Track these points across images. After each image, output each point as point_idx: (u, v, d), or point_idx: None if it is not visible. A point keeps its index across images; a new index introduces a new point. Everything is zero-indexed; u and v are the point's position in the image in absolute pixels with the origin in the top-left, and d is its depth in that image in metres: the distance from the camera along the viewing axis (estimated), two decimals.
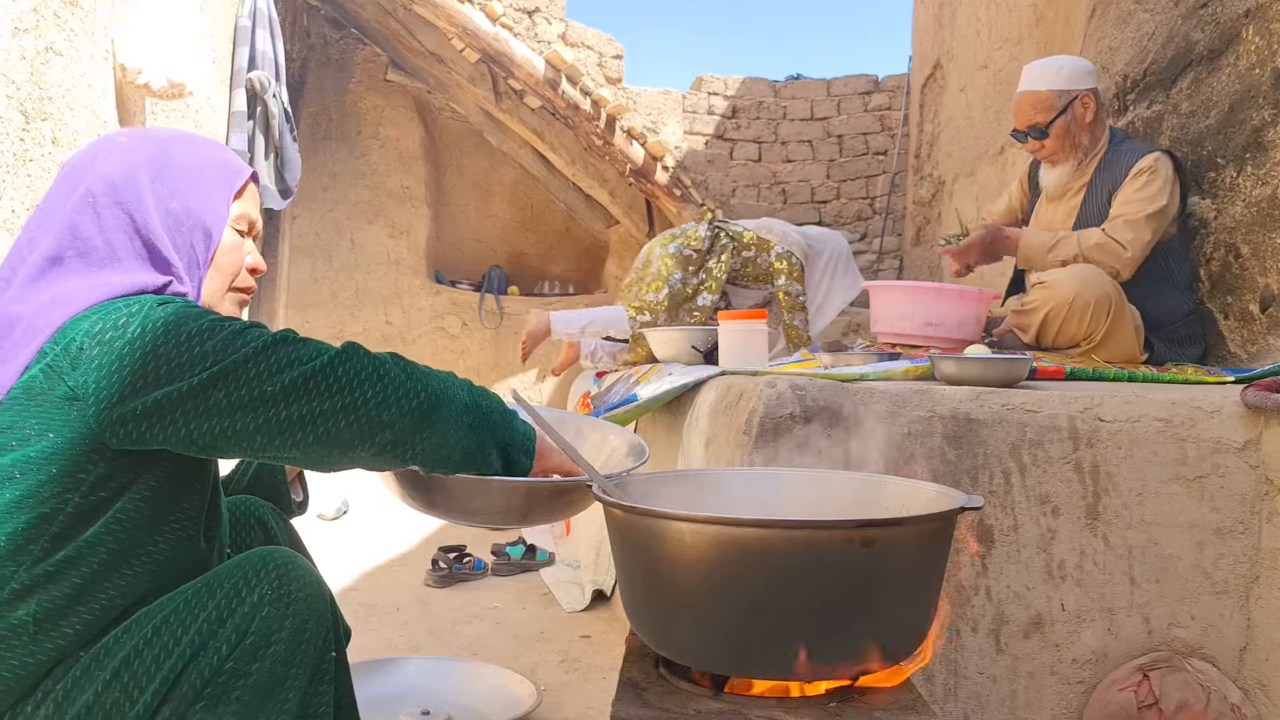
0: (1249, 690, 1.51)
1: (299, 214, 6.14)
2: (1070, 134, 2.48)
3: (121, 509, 0.98)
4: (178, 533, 1.04)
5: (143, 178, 1.07)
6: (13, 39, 1.79)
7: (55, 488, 0.94)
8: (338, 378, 0.99)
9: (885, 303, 2.51)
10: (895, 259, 6.73)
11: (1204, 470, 1.54)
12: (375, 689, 1.93)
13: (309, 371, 0.98)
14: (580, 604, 2.72)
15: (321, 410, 0.98)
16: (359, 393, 0.99)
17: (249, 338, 0.98)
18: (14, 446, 0.94)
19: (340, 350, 1.02)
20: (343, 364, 1.00)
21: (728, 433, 1.75)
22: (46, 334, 0.96)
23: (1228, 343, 2.40)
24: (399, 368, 1.04)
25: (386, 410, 1.00)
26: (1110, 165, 2.47)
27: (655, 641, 1.05)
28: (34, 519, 0.94)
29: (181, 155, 1.11)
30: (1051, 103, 2.47)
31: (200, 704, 0.95)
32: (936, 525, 1.01)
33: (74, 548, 0.96)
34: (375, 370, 1.02)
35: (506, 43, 5.15)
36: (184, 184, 1.09)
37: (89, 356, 0.94)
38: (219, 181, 1.13)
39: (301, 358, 0.99)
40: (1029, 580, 1.55)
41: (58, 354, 0.95)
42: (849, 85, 7.01)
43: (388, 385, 1.01)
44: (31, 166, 1.90)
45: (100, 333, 0.95)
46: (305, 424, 0.98)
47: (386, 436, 1.01)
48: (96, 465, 0.96)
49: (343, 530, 3.80)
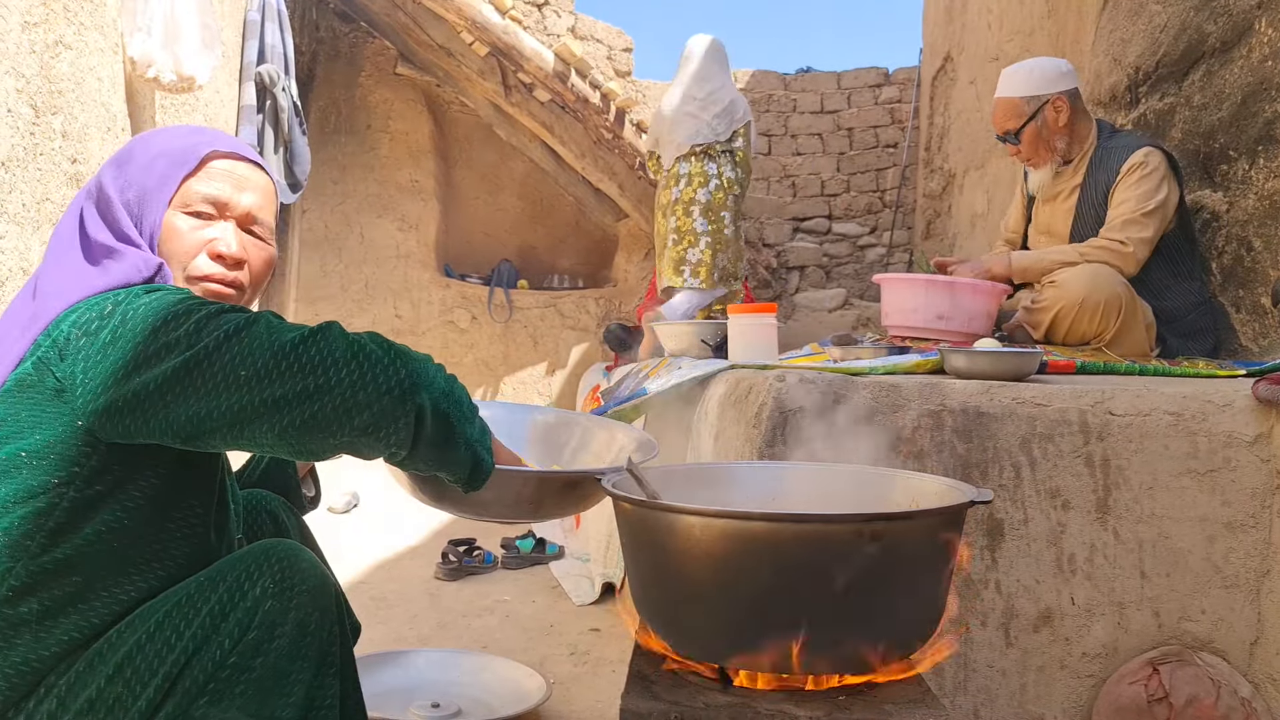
0: (1259, 684, 1.50)
1: (308, 207, 6.16)
2: (1042, 138, 2.49)
3: (121, 504, 0.98)
4: (184, 529, 1.04)
5: (108, 174, 1.09)
6: (22, 33, 1.80)
7: (50, 481, 0.94)
8: (310, 357, 0.93)
9: (897, 295, 2.51)
10: (905, 252, 6.70)
11: (1215, 464, 1.53)
12: (385, 682, 1.94)
13: (281, 351, 0.93)
14: (590, 597, 2.73)
15: (295, 392, 0.92)
16: (334, 373, 0.93)
17: (224, 321, 0.94)
18: (9, 440, 0.95)
19: (315, 329, 0.96)
20: (316, 343, 0.94)
21: (737, 426, 1.75)
22: (40, 327, 0.97)
23: (1239, 336, 2.38)
24: (377, 346, 0.98)
25: (363, 390, 0.94)
26: (1101, 163, 2.47)
27: (665, 634, 1.05)
28: (30, 513, 0.94)
29: (144, 147, 1.11)
30: (1020, 109, 2.48)
31: (204, 699, 0.94)
32: (946, 519, 1.00)
33: (74, 542, 0.95)
34: (350, 349, 0.95)
35: (516, 36, 5.14)
36: (137, 174, 1.09)
37: (75, 347, 0.95)
38: (166, 163, 1.09)
39: (275, 339, 0.94)
40: (1039, 574, 1.55)
41: (47, 346, 0.96)
42: (859, 78, 6.98)
43: (364, 365, 0.95)
44: (42, 160, 1.91)
45: (86, 323, 0.95)
46: (280, 407, 0.92)
47: (365, 418, 0.95)
48: (90, 459, 0.96)
49: (353, 523, 3.82)
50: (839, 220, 6.88)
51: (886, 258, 6.71)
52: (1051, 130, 2.50)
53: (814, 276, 6.77)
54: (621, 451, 1.39)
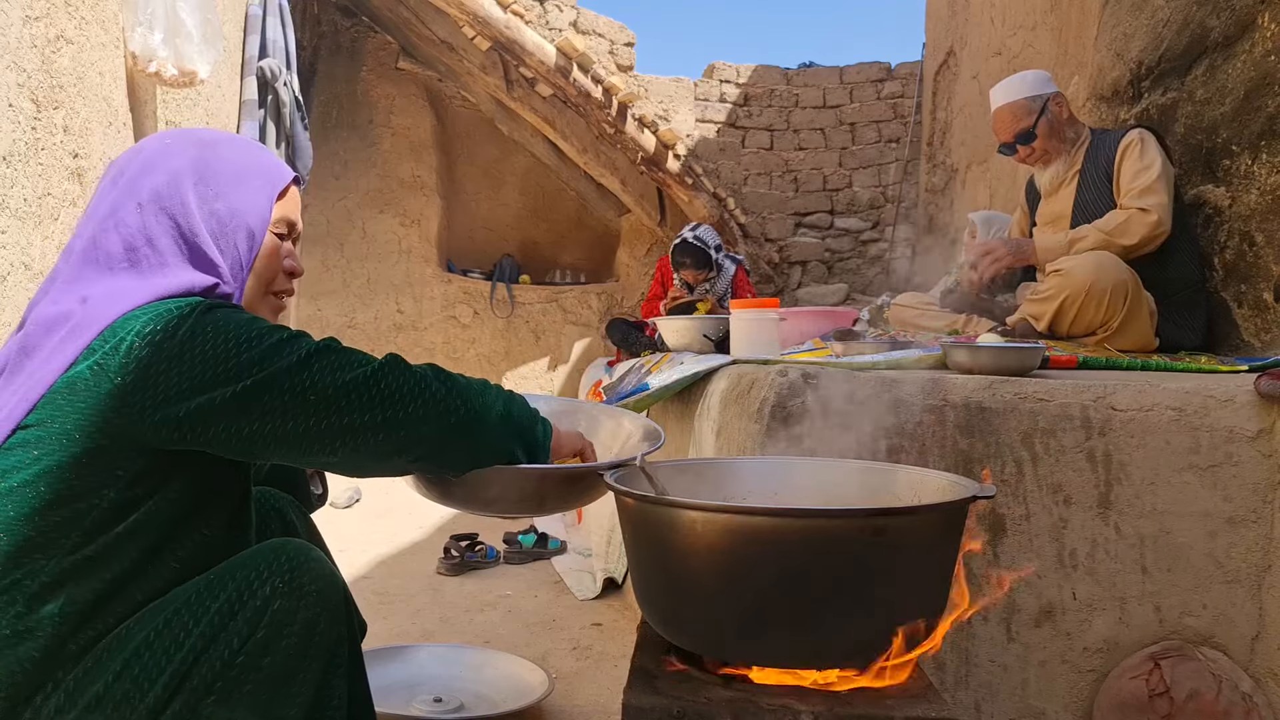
0: (1260, 679, 1.50)
1: (310, 203, 6.16)
2: (1055, 130, 2.63)
3: (155, 506, 0.98)
4: (206, 533, 1.04)
5: (186, 181, 1.08)
6: (24, 27, 1.80)
7: (91, 482, 0.95)
8: (380, 391, 1.01)
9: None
10: (908, 247, 6.70)
11: (1217, 459, 1.53)
12: (387, 677, 1.95)
13: (352, 383, 1.00)
14: (592, 592, 2.74)
15: (362, 422, 1.00)
16: (400, 408, 1.01)
17: (295, 346, 1.00)
18: (52, 441, 0.95)
19: (383, 363, 1.03)
20: (385, 377, 1.02)
21: (739, 421, 1.75)
22: (95, 330, 0.97)
23: (1241, 331, 2.38)
24: (440, 383, 1.05)
25: (426, 425, 1.03)
26: (1096, 150, 2.59)
27: (667, 630, 1.05)
28: (68, 513, 0.94)
29: (225, 157, 1.12)
30: (1029, 108, 2.63)
31: (212, 697, 0.94)
32: (948, 514, 1.01)
33: (104, 543, 0.96)
34: (417, 385, 1.03)
35: (518, 30, 5.13)
36: (227, 186, 1.10)
37: (138, 357, 0.95)
38: (262, 181, 1.13)
39: (345, 368, 1.00)
40: (1040, 569, 1.55)
41: (106, 351, 0.96)
42: (862, 73, 6.97)
43: (428, 401, 1.03)
44: (43, 155, 1.91)
45: (151, 334, 0.96)
46: (345, 434, 1.00)
47: (423, 450, 1.04)
48: (135, 462, 0.96)
49: (355, 519, 3.83)
50: (841, 215, 6.88)
51: (889, 253, 6.71)
52: (1060, 122, 2.62)
53: (816, 271, 6.76)
54: (629, 440, 1.39)
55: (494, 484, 1.14)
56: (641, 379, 2.69)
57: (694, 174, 6.06)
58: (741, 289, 4.45)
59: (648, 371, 2.76)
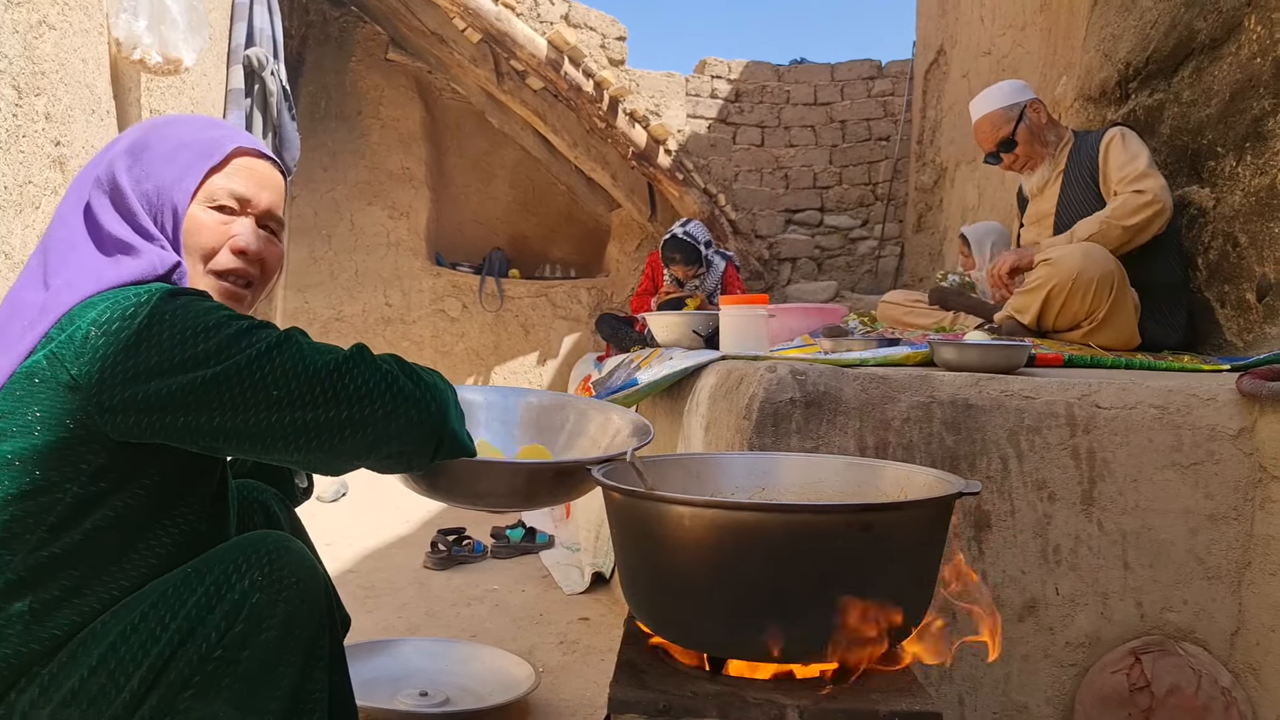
0: (1239, 674, 1.52)
1: (298, 194, 6.12)
2: (1035, 135, 2.69)
3: (123, 501, 0.97)
4: (182, 526, 1.03)
5: (121, 163, 1.06)
6: (5, 11, 1.78)
7: (54, 476, 0.93)
8: (344, 387, 0.97)
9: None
10: (897, 245, 6.72)
11: (1199, 457, 1.54)
12: (373, 670, 1.95)
13: (316, 377, 0.96)
14: (579, 586, 2.74)
15: (327, 419, 0.96)
16: (367, 406, 0.97)
17: (256, 337, 0.96)
18: (13, 433, 0.93)
19: (348, 356, 0.99)
20: (350, 373, 0.97)
21: (728, 417, 1.76)
22: (51, 320, 0.95)
23: (1224, 331, 2.40)
24: (408, 378, 1.01)
25: (394, 423, 0.99)
26: (1079, 150, 2.63)
27: (654, 624, 1.05)
28: (32, 507, 0.93)
29: (166, 136, 1.09)
30: (1007, 116, 2.71)
31: (190, 691, 0.92)
32: (934, 510, 1.01)
33: (72, 538, 0.94)
34: (383, 381, 0.99)
35: (509, 23, 5.11)
36: (157, 164, 1.06)
37: (94, 345, 0.93)
38: (193, 155, 1.08)
39: (309, 363, 0.96)
40: (1024, 564, 1.56)
41: (62, 340, 0.94)
42: (853, 70, 6.97)
43: (397, 398, 0.99)
44: (24, 142, 1.89)
45: (108, 322, 0.94)
46: (309, 431, 0.96)
47: (393, 448, 1.00)
48: (97, 455, 0.94)
49: (341, 512, 3.81)
50: (831, 212, 6.89)
51: (878, 250, 6.72)
52: (1039, 127, 2.68)
53: (806, 268, 6.77)
54: (617, 434, 1.39)
55: (483, 478, 1.14)
56: (631, 374, 2.69)
57: (685, 169, 6.06)
58: (731, 285, 4.45)
59: (637, 367, 2.76)
